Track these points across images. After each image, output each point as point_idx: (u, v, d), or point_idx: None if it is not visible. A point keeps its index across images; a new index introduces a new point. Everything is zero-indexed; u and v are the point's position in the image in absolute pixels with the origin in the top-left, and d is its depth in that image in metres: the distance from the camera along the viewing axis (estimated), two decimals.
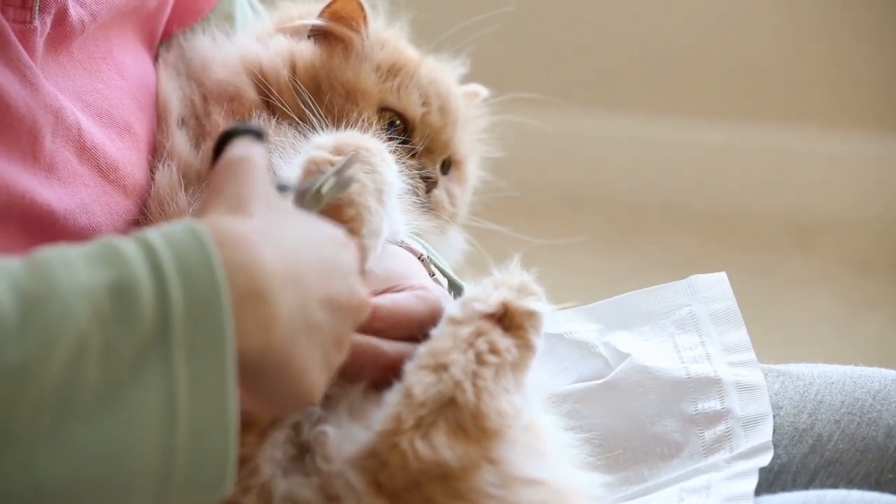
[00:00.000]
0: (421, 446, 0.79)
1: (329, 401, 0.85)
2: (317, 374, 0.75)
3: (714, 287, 1.07)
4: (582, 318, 1.08)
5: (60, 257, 0.69)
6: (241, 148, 0.78)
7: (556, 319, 1.06)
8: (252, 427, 0.82)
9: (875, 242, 2.55)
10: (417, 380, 0.82)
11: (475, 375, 0.82)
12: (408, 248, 0.98)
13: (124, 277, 0.68)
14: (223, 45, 1.12)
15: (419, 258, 0.98)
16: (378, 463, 0.80)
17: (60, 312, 0.67)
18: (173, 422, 0.68)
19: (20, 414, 0.66)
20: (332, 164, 0.90)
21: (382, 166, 0.92)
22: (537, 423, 0.86)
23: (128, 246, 0.70)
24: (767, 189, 2.68)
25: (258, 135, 0.80)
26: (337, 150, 0.91)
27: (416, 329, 0.88)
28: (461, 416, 0.80)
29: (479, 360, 0.83)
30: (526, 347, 0.86)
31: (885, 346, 2.25)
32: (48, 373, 0.66)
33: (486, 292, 0.88)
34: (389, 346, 0.86)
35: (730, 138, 2.70)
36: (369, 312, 0.82)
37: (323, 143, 0.92)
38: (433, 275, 0.98)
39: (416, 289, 0.91)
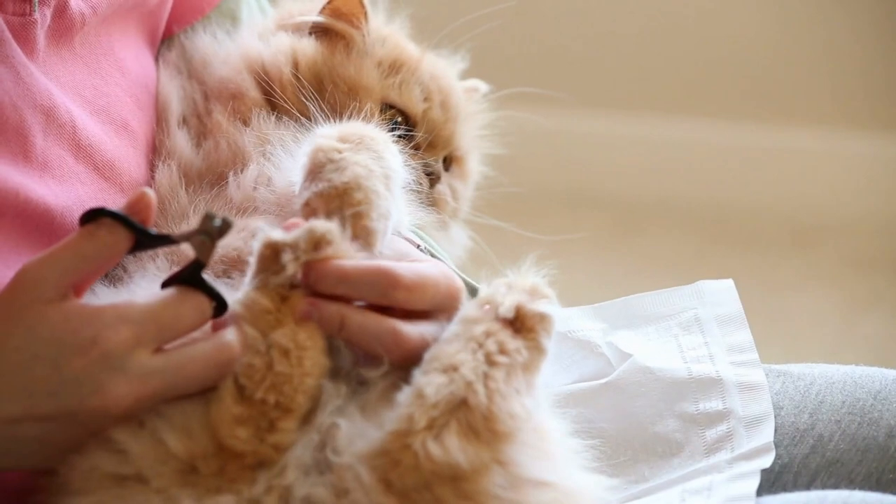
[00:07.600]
0: (433, 447, 0.79)
1: (342, 389, 0.85)
2: None
3: (721, 293, 1.07)
4: (587, 315, 1.08)
5: None
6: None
7: (562, 316, 1.06)
8: (291, 413, 0.82)
9: (875, 242, 2.55)
10: (429, 380, 0.81)
11: (486, 377, 0.81)
12: (406, 240, 0.97)
13: None
14: (224, 42, 1.12)
15: (416, 247, 0.97)
16: (389, 462, 0.80)
17: None
18: None
19: None
20: (338, 151, 0.89)
21: (387, 154, 0.92)
22: (545, 425, 0.86)
23: None
24: (767, 189, 2.68)
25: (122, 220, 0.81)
26: (342, 139, 0.91)
27: (436, 297, 0.87)
28: (473, 417, 0.80)
29: (489, 360, 0.82)
30: (536, 350, 0.85)
31: (885, 346, 2.25)
32: None
33: (499, 294, 0.87)
34: (411, 329, 0.85)
35: (730, 138, 2.70)
36: (392, 281, 0.83)
37: (328, 132, 0.92)
38: None
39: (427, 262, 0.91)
